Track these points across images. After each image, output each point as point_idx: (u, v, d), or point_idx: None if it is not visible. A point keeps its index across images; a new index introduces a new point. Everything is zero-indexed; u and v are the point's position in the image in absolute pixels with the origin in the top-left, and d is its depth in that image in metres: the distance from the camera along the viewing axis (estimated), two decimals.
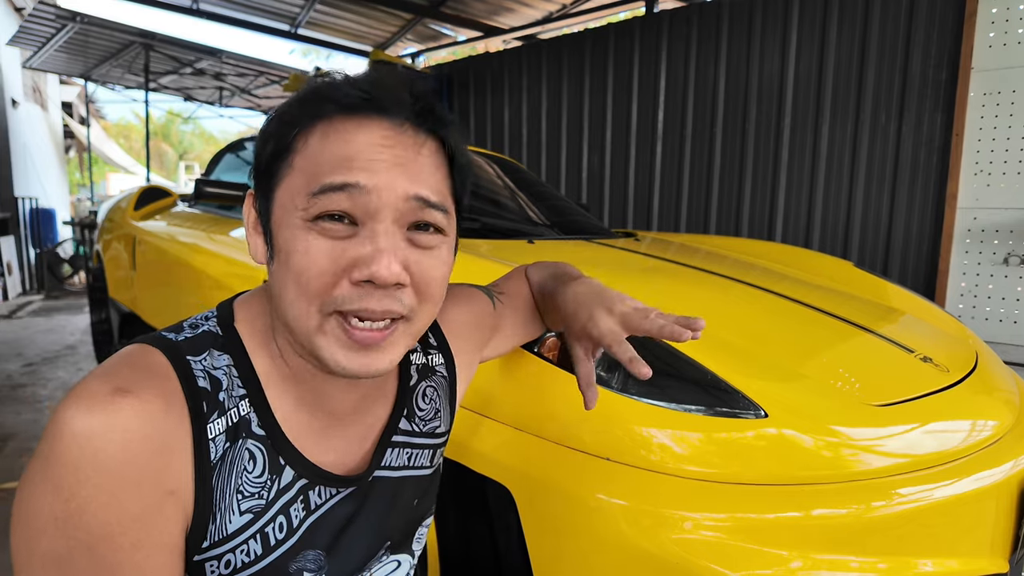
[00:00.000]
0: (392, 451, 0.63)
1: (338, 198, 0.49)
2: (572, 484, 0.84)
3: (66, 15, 5.45)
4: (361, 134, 0.50)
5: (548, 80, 4.90)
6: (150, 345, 0.51)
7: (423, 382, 0.68)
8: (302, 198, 0.50)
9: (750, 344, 1.08)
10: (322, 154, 0.50)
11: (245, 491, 0.52)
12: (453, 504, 0.97)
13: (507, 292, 0.84)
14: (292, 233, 0.50)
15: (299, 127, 0.51)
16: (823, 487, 0.84)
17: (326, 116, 0.51)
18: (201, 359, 0.52)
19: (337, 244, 0.49)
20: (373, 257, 0.49)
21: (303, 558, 0.55)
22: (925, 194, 3.39)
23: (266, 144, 0.53)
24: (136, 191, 3.14)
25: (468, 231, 1.77)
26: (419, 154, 0.52)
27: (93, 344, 3.66)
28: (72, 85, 11.09)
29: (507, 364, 0.94)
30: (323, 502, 0.57)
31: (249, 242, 0.56)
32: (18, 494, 0.45)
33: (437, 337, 0.72)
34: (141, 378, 0.48)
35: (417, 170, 0.51)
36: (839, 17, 3.56)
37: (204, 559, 0.50)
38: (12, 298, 6.46)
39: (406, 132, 0.52)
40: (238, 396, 0.53)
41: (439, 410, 0.69)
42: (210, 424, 0.50)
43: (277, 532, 0.54)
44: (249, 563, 0.52)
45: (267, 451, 0.53)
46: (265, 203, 0.54)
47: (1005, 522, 0.93)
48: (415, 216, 0.51)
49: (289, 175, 0.51)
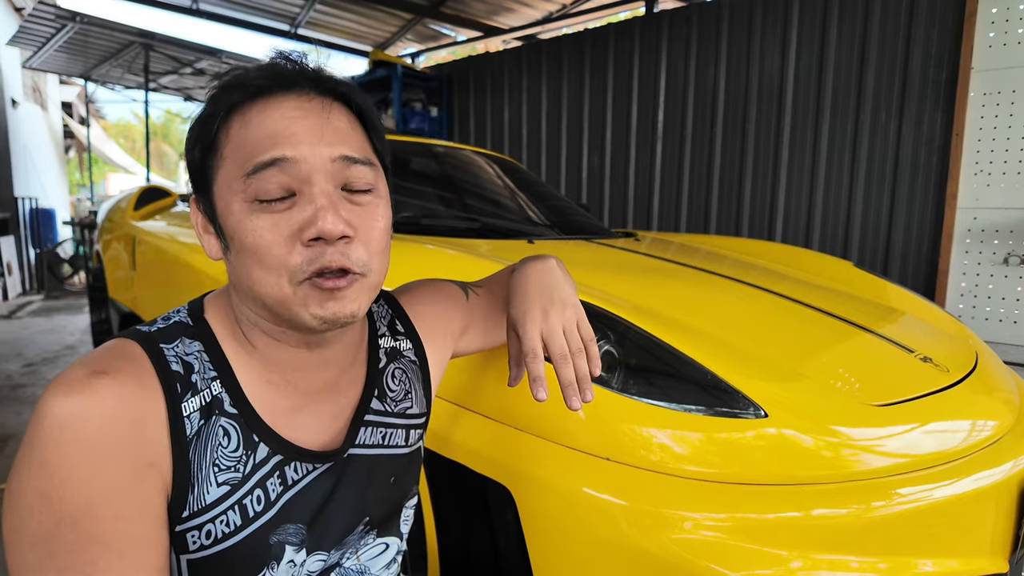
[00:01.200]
0: (366, 430, 0.66)
1: (271, 174, 0.53)
2: (572, 484, 0.84)
3: (66, 15, 5.45)
4: (273, 111, 0.54)
5: (548, 80, 4.90)
6: (125, 337, 0.55)
7: (391, 364, 0.71)
8: (239, 182, 0.53)
9: (750, 344, 1.08)
10: (246, 138, 0.54)
11: (221, 464, 0.55)
12: (453, 504, 0.97)
13: (485, 286, 0.86)
14: (237, 218, 0.54)
15: (217, 120, 0.55)
16: (823, 487, 0.84)
17: (238, 104, 0.55)
18: (173, 346, 0.55)
19: (282, 215, 0.53)
20: (316, 215, 0.52)
21: (283, 531, 0.58)
22: (925, 194, 3.39)
23: (194, 148, 0.57)
24: (136, 191, 3.13)
25: (468, 231, 1.77)
26: (330, 118, 0.56)
27: (93, 344, 3.66)
28: (72, 85, 11.09)
29: (506, 364, 0.94)
30: (300, 477, 0.59)
31: (202, 244, 0.59)
32: (7, 483, 0.47)
33: (405, 324, 0.75)
34: (116, 362, 0.51)
35: (332, 132, 0.55)
36: (839, 17, 3.56)
37: (185, 529, 0.53)
38: (12, 298, 6.46)
39: (312, 100, 0.56)
40: (210, 378, 0.56)
41: (409, 391, 0.72)
42: (184, 403, 0.53)
43: (255, 504, 0.56)
44: (229, 534, 0.54)
45: (240, 428, 0.56)
46: (207, 201, 0.57)
47: (1005, 522, 0.93)
48: (344, 175, 0.55)
49: (222, 167, 0.55)
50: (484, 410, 0.95)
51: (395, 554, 0.70)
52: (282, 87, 0.55)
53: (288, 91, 0.56)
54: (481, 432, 0.94)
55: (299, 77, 0.56)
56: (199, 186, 0.58)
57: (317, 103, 0.56)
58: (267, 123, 0.54)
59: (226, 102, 0.55)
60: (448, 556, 0.99)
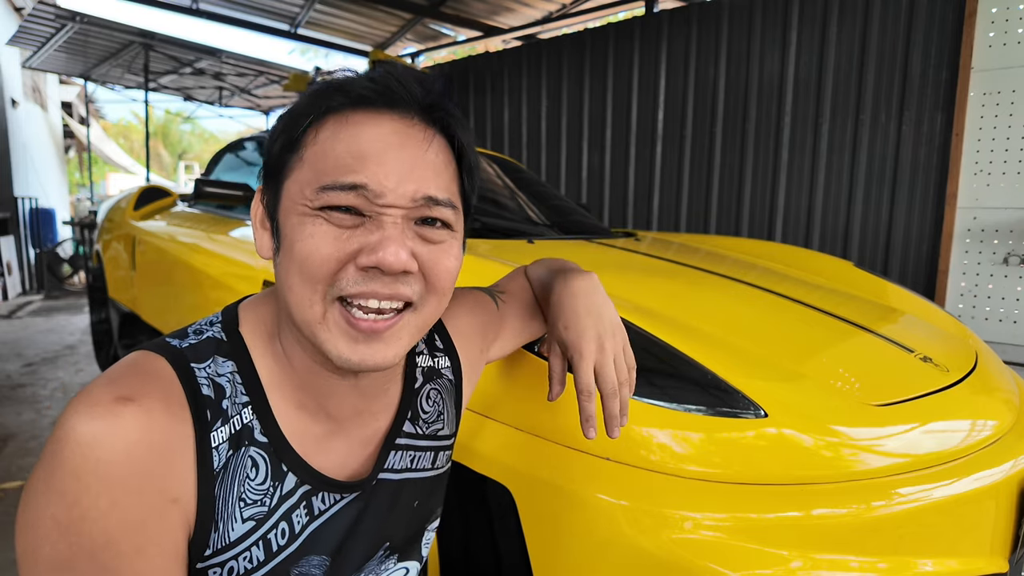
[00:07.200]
0: (395, 454, 0.63)
1: (346, 196, 0.49)
2: (572, 484, 0.84)
3: (66, 15, 5.45)
4: (370, 128, 0.51)
5: (548, 80, 4.90)
6: (154, 352, 0.51)
7: (428, 384, 0.68)
8: (311, 191, 0.50)
9: (750, 344, 1.08)
10: (333, 148, 0.50)
11: (248, 499, 0.52)
12: (453, 504, 0.97)
13: (509, 291, 0.84)
14: (299, 220, 0.50)
15: (310, 119, 0.52)
16: (823, 487, 0.84)
17: (336, 108, 0.51)
18: (205, 366, 0.52)
19: (343, 232, 0.50)
20: (380, 243, 0.49)
21: (306, 563, 0.56)
22: (925, 194, 3.39)
23: (276, 139, 0.54)
24: (136, 191, 3.13)
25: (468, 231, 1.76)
26: (427, 151, 0.52)
27: (93, 344, 3.66)
28: (72, 85, 11.08)
29: (508, 364, 0.94)
30: (327, 507, 0.57)
31: (255, 238, 0.56)
32: (22, 500, 0.45)
33: (444, 340, 0.71)
34: (144, 386, 0.47)
35: (425, 168, 0.51)
36: (839, 17, 3.56)
37: (207, 566, 0.50)
38: (12, 298, 6.46)
39: (415, 127, 0.52)
40: (241, 403, 0.53)
41: (442, 413, 0.69)
42: (213, 432, 0.50)
43: (279, 538, 0.54)
44: (252, 569, 0.52)
45: (269, 458, 0.53)
46: (273, 197, 0.54)
47: (1005, 522, 0.93)
48: (423, 213, 0.52)
49: (299, 167, 0.51)
50: (484, 411, 0.95)
51: None
52: (387, 103, 0.51)
53: (392, 109, 0.51)
54: (481, 432, 0.94)
55: (409, 96, 0.52)
56: (269, 179, 0.55)
57: (419, 131, 0.52)
58: (360, 139, 0.50)
59: (324, 103, 0.51)
60: (448, 556, 0.99)
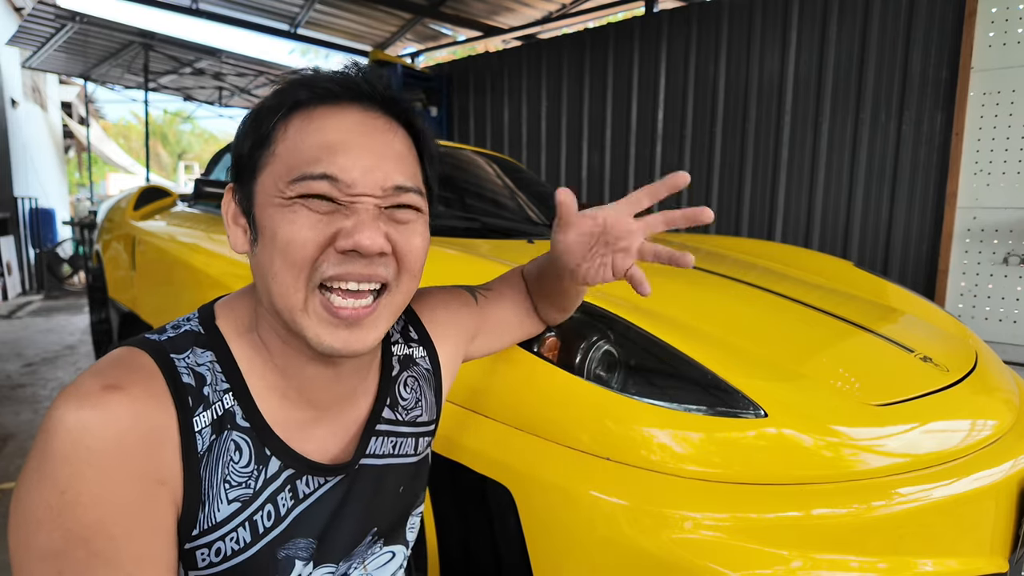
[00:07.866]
0: (377, 439, 0.65)
1: (318, 185, 0.52)
2: (572, 484, 0.84)
3: (65, 15, 5.45)
4: (336, 120, 0.54)
5: (548, 80, 4.90)
6: (136, 347, 0.53)
7: (404, 372, 0.70)
8: (284, 183, 0.52)
9: (750, 344, 1.08)
10: (303, 141, 0.53)
11: (232, 480, 0.54)
12: (453, 504, 0.97)
13: (494, 289, 0.85)
14: (277, 211, 0.53)
15: (277, 116, 0.54)
16: (823, 487, 0.84)
17: (303, 103, 0.54)
18: (184, 356, 0.54)
19: (322, 217, 0.52)
20: (356, 227, 0.52)
21: (293, 545, 0.57)
22: (925, 193, 3.39)
23: (245, 137, 0.56)
24: (136, 191, 3.13)
25: (468, 231, 1.77)
26: (392, 141, 0.55)
27: (93, 344, 3.66)
28: (72, 85, 11.09)
29: (507, 364, 0.94)
30: (311, 491, 0.59)
31: (228, 234, 0.58)
32: (15, 492, 0.46)
33: (418, 330, 0.74)
34: (129, 375, 0.50)
35: (390, 157, 0.55)
36: (839, 16, 3.56)
37: (195, 547, 0.52)
38: (12, 298, 6.46)
39: (378, 118, 0.55)
40: (222, 390, 0.54)
41: (421, 399, 0.71)
42: (196, 417, 0.52)
43: (265, 520, 0.55)
44: (239, 550, 0.54)
45: (252, 442, 0.55)
46: (246, 193, 0.56)
47: (1005, 522, 0.93)
48: (392, 200, 0.55)
49: (272, 162, 0.54)
50: (484, 410, 0.95)
51: (401, 561, 0.70)
52: (351, 97, 0.55)
53: (356, 102, 0.55)
54: (481, 432, 0.94)
55: (371, 92, 0.55)
56: (241, 177, 0.57)
57: (383, 122, 0.55)
58: (327, 130, 0.53)
59: (291, 98, 0.54)
60: (448, 556, 0.99)
